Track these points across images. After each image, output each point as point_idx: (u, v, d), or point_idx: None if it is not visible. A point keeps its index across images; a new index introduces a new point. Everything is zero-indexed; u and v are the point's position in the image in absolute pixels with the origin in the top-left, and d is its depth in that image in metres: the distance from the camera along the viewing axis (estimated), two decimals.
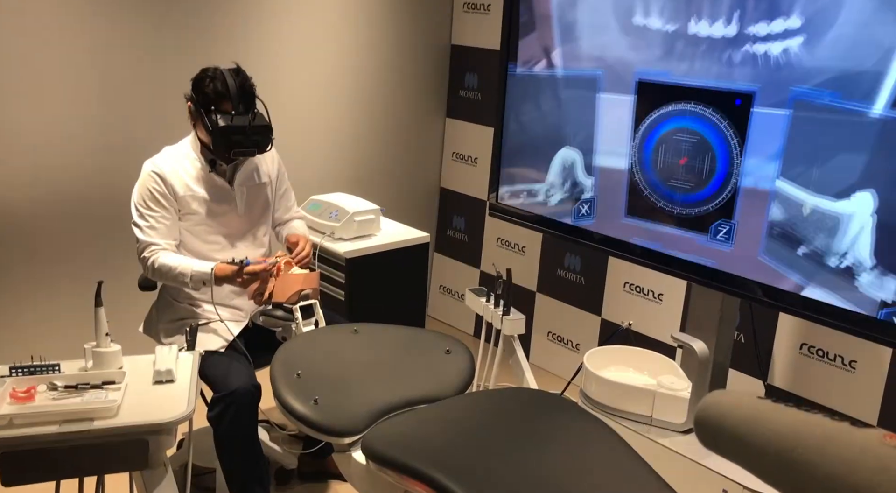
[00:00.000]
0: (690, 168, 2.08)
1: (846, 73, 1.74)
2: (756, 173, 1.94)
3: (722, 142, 2.01)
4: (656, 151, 2.15)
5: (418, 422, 1.57)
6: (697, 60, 2.02)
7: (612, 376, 2.24)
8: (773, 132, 1.90)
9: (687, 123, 2.08)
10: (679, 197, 2.11)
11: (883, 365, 2.32)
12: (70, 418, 1.55)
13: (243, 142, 2.05)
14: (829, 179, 1.81)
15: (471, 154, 3.60)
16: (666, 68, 2.10)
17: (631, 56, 2.18)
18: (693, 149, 2.07)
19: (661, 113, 2.13)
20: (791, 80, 1.84)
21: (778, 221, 1.91)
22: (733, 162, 1.98)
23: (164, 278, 2.10)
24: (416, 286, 2.94)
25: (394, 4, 3.35)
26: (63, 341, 2.66)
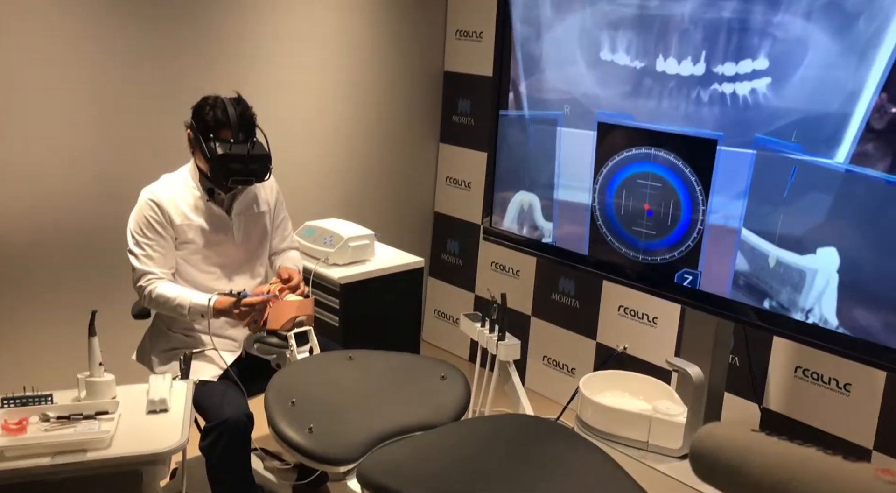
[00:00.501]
0: (655, 215, 2.07)
1: (811, 116, 1.75)
2: (721, 222, 1.93)
3: (685, 188, 2.00)
4: (619, 195, 2.14)
5: (414, 450, 1.56)
6: (664, 99, 2.02)
7: (608, 402, 2.24)
8: (737, 179, 1.89)
9: (650, 167, 2.06)
10: (643, 244, 2.10)
11: (877, 388, 2.33)
12: (63, 449, 1.54)
13: (241, 170, 2.06)
14: (793, 231, 1.80)
15: (464, 179, 3.62)
16: (630, 110, 2.09)
17: (594, 92, 2.17)
18: (657, 194, 2.05)
19: (623, 156, 2.12)
20: (756, 124, 1.85)
21: (743, 271, 1.90)
22: (697, 209, 1.97)
23: (160, 308, 2.09)
24: (410, 311, 2.93)
25: (388, 32, 3.39)
26: (56, 371, 2.63)
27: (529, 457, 1.52)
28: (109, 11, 2.59)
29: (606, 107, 2.15)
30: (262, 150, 2.10)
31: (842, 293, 1.73)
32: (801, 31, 1.76)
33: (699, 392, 2.08)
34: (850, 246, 1.72)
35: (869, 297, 1.71)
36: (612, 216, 2.14)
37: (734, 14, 1.87)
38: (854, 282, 1.72)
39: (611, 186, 2.15)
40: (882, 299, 1.69)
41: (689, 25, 1.95)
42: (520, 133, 2.42)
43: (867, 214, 1.69)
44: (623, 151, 2.12)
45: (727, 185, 1.92)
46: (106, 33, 2.61)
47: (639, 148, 2.08)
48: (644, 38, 2.05)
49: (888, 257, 1.67)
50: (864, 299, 1.71)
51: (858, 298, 1.72)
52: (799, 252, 1.80)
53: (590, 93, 2.18)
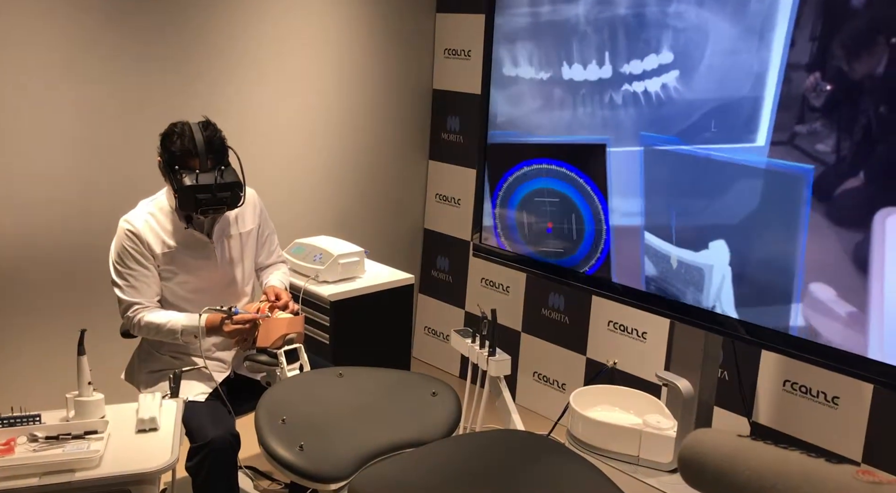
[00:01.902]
0: (558, 231, 2.02)
1: (725, 103, 1.70)
2: (623, 229, 1.90)
3: (584, 200, 1.96)
4: (520, 215, 2.10)
5: (405, 466, 1.55)
6: (579, 108, 1.94)
7: (599, 416, 2.24)
8: (631, 185, 1.85)
9: (545, 183, 2.02)
10: (552, 262, 2.06)
11: (865, 401, 2.34)
12: (51, 470, 1.52)
13: (209, 201, 2.00)
14: (686, 228, 1.79)
15: (454, 195, 3.64)
16: (517, 128, 2.05)
17: (504, 112, 2.13)
18: (557, 210, 2.00)
19: (517, 175, 2.09)
20: (643, 128, 1.80)
21: (653, 276, 1.89)
22: (599, 219, 1.94)
23: (152, 335, 2.08)
24: (401, 328, 2.93)
25: (376, 50, 3.42)
26: (45, 391, 2.62)
27: (520, 472, 1.52)
28: (89, 36, 2.60)
29: (497, 127, 2.13)
30: (232, 176, 2.04)
31: (736, 286, 1.74)
32: (697, 18, 1.71)
33: (689, 406, 2.08)
34: (736, 237, 1.71)
35: (758, 286, 1.71)
36: (518, 239, 2.12)
37: (629, 9, 1.81)
38: (744, 273, 1.73)
39: (510, 208, 2.11)
40: (770, 285, 1.69)
41: (587, 27, 1.88)
42: None
43: (749, 202, 1.68)
44: (515, 170, 2.09)
45: (624, 194, 1.88)
46: (87, 58, 2.61)
47: (530, 164, 2.04)
48: (544, 47, 1.98)
49: (771, 244, 1.66)
50: (755, 288, 1.72)
51: (750, 288, 1.73)
52: (694, 249, 1.79)
53: (500, 112, 2.15)
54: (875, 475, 0.67)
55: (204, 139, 2.01)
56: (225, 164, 2.07)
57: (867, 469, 0.69)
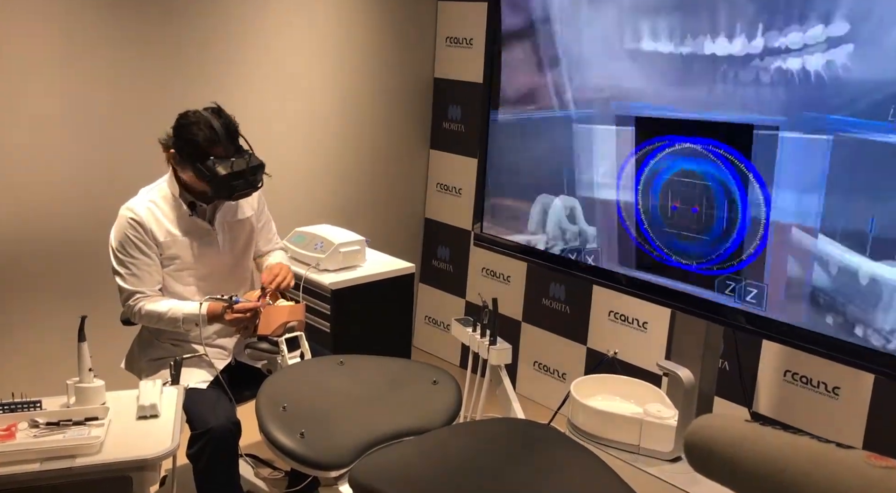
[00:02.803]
0: (705, 218, 1.77)
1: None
2: (789, 226, 1.60)
3: (742, 187, 1.70)
4: (662, 196, 1.85)
5: (406, 454, 1.56)
6: (716, 86, 1.69)
7: (599, 405, 2.24)
8: (808, 177, 1.55)
9: (696, 165, 1.76)
10: (693, 249, 1.81)
11: (866, 391, 2.34)
12: (51, 455, 1.53)
13: (243, 185, 2.04)
14: (889, 237, 1.45)
15: (455, 185, 3.63)
16: (671, 100, 1.78)
17: (636, 85, 1.87)
18: (707, 195, 1.74)
19: (666, 153, 1.83)
20: (830, 105, 1.48)
21: (824, 288, 1.57)
22: (759, 211, 1.66)
23: (153, 323, 2.08)
24: (401, 317, 2.93)
25: (377, 38, 3.40)
26: (45, 378, 2.62)
27: (521, 461, 1.52)
28: (90, 23, 2.59)
29: (644, 99, 1.85)
30: (256, 159, 2.08)
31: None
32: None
33: (690, 395, 2.08)
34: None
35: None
36: (657, 220, 1.85)
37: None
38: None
39: (653, 187, 1.84)
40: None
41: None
42: (551, 134, 2.18)
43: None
44: (665, 147, 1.82)
45: (795, 186, 1.59)
46: (87, 45, 2.60)
47: (683, 142, 1.77)
48: (686, 19, 1.73)
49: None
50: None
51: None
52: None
53: (631, 87, 1.89)
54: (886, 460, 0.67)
55: (222, 126, 2.02)
56: (241, 148, 2.08)
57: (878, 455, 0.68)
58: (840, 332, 1.61)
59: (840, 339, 1.74)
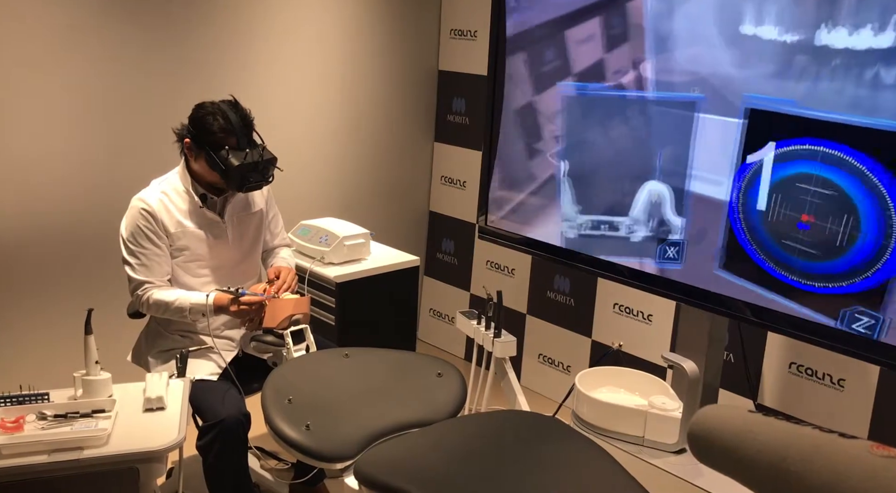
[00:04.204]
0: (819, 230, 1.58)
1: None
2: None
3: (871, 200, 1.49)
4: (771, 199, 1.68)
5: (411, 446, 1.56)
6: (833, 83, 1.52)
7: (604, 397, 2.25)
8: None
9: (817, 169, 1.57)
10: (799, 263, 1.63)
11: (871, 383, 2.34)
12: (59, 447, 1.54)
13: (256, 177, 2.07)
14: None
15: (459, 178, 3.63)
16: (790, 95, 1.59)
17: (739, 74, 1.70)
18: (826, 205, 1.55)
19: (780, 153, 1.65)
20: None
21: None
22: (889, 231, 1.46)
23: (160, 312, 2.09)
24: (406, 310, 2.94)
25: (381, 31, 3.40)
26: (52, 370, 2.63)
27: (526, 453, 1.52)
28: (100, 16, 2.59)
29: (756, 90, 1.66)
30: (269, 153, 2.11)
31: None
32: None
33: (694, 387, 2.09)
34: None
35: None
36: (759, 224, 1.68)
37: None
38: None
39: (761, 188, 1.68)
40: None
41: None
42: (645, 117, 2.01)
43: None
44: (781, 145, 1.63)
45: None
46: (97, 37, 2.60)
47: (802, 143, 1.59)
48: (800, 3, 1.55)
49: None
50: None
51: None
52: None
53: (731, 74, 1.72)
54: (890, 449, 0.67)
55: (238, 119, 2.05)
56: (255, 141, 2.10)
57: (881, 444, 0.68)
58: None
59: (843, 330, 1.74)
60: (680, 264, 1.98)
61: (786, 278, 1.69)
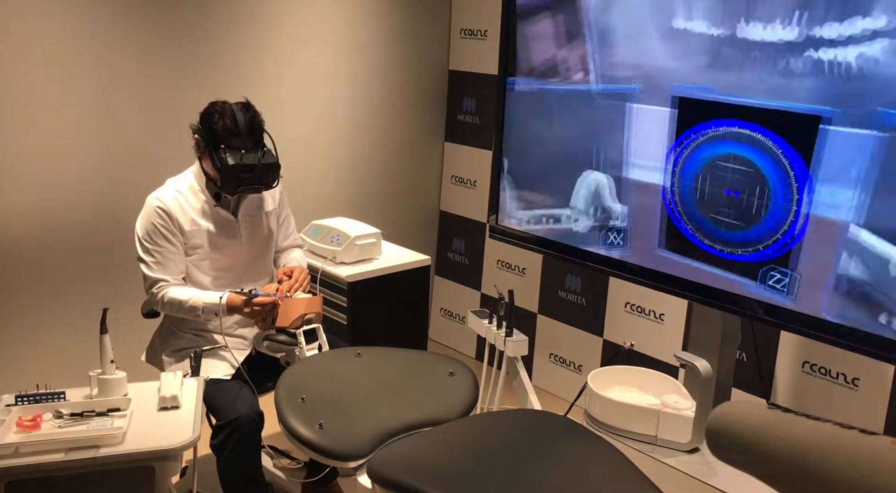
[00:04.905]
0: (739, 203, 1.79)
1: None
2: (823, 214, 1.64)
3: (779, 174, 1.71)
4: (698, 179, 1.88)
5: (423, 445, 1.57)
6: (750, 71, 1.72)
7: (617, 397, 2.24)
8: (846, 164, 1.58)
9: (735, 149, 1.78)
10: (725, 234, 1.84)
11: (886, 383, 2.33)
12: (76, 445, 1.55)
13: (251, 180, 2.06)
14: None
15: (470, 177, 3.63)
16: (710, 82, 1.80)
17: (669, 65, 1.89)
18: (743, 180, 1.76)
19: (704, 136, 1.85)
20: (875, 97, 1.51)
21: (852, 276, 1.61)
22: (792, 198, 1.69)
23: (174, 311, 2.11)
24: (417, 309, 2.94)
25: (392, 31, 3.40)
26: (68, 370, 2.66)
27: (538, 452, 1.52)
28: (117, 14, 2.61)
29: (683, 80, 1.86)
30: (271, 158, 2.09)
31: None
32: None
33: (707, 386, 2.08)
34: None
35: None
36: (690, 202, 1.87)
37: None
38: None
39: (689, 169, 1.87)
40: None
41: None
42: (586, 109, 2.17)
43: None
44: (704, 130, 1.83)
45: (834, 173, 1.61)
46: (115, 38, 2.62)
47: (720, 126, 1.79)
48: (735, 1, 1.73)
49: None
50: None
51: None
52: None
53: (663, 66, 1.91)
54: None
55: (245, 120, 2.05)
56: (263, 145, 2.10)
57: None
58: (866, 320, 1.64)
59: (859, 329, 1.73)
60: (625, 249, 2.15)
61: (714, 250, 1.90)
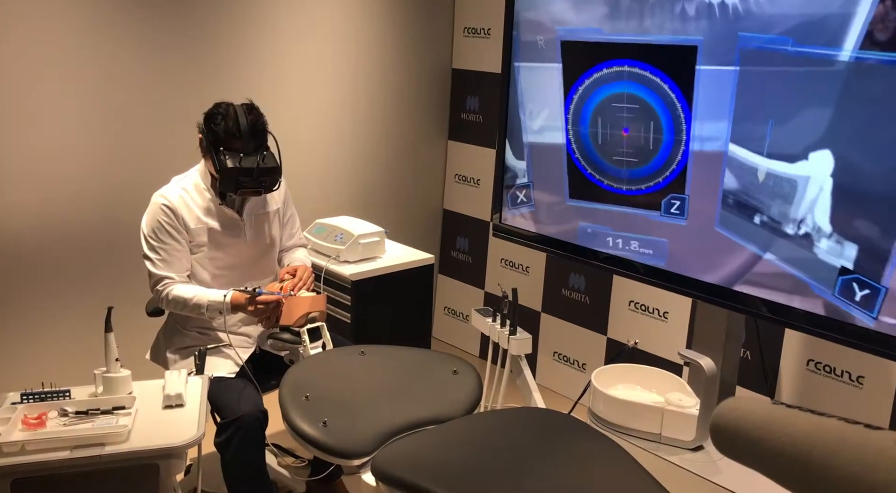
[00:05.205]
0: (634, 140, 1.93)
1: (809, 20, 1.61)
2: (705, 140, 1.82)
3: (665, 107, 1.87)
4: (594, 123, 2.00)
5: (427, 443, 1.57)
6: (645, 19, 1.87)
7: (621, 394, 2.24)
8: (721, 92, 1.77)
9: (624, 88, 1.92)
10: (625, 173, 1.97)
11: (891, 381, 2.32)
12: (81, 443, 1.56)
13: (250, 183, 2.05)
14: (783, 140, 1.70)
15: (473, 176, 3.63)
16: (597, 25, 1.94)
17: (566, 17, 2.03)
18: (635, 117, 1.91)
19: (594, 78, 1.98)
20: (740, 28, 1.71)
21: (732, 189, 1.81)
22: (680, 129, 1.85)
23: (179, 308, 2.11)
24: (421, 308, 2.94)
25: (395, 29, 3.40)
26: (73, 368, 2.67)
27: (542, 449, 1.52)
28: (121, 13, 2.62)
29: (572, 25, 1.99)
30: (272, 161, 2.08)
31: (836, 197, 1.64)
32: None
33: (711, 384, 2.08)
34: (846, 146, 1.60)
35: (864, 196, 1.60)
36: (590, 147, 2.00)
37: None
38: (849, 183, 1.62)
39: (584, 115, 2.00)
40: (878, 194, 1.58)
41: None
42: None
43: (868, 108, 1.56)
44: (592, 71, 1.96)
45: (711, 104, 1.79)
46: (117, 36, 2.63)
47: (610, 66, 1.93)
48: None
49: (888, 150, 1.55)
50: (860, 199, 1.60)
51: (853, 199, 1.61)
52: (789, 161, 1.70)
53: (560, 19, 2.05)
54: None
55: (248, 123, 2.05)
56: (265, 148, 2.10)
57: None
58: (752, 229, 1.79)
59: (860, 327, 1.73)
60: (531, 207, 2.24)
61: (618, 190, 2.00)
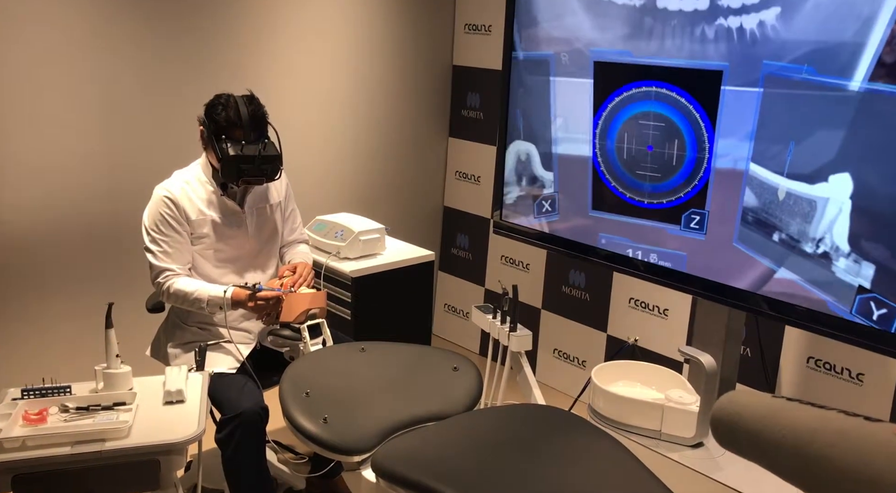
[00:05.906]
0: (658, 156, 2.01)
1: (823, 46, 1.70)
2: (727, 158, 1.90)
3: (690, 126, 1.95)
4: (620, 138, 2.08)
5: (428, 439, 1.57)
6: (667, 39, 1.96)
7: (621, 391, 2.24)
8: (744, 113, 1.85)
9: (651, 107, 2.01)
10: (648, 187, 2.04)
11: (891, 378, 2.32)
12: (82, 439, 1.56)
13: (252, 171, 2.07)
14: (803, 161, 1.76)
15: (474, 173, 3.63)
16: (628, 47, 2.03)
17: (591, 35, 2.11)
18: (660, 135, 1.99)
19: (623, 97, 2.06)
20: (763, 55, 1.79)
21: (752, 206, 1.87)
22: (703, 147, 1.93)
23: (179, 302, 2.12)
24: (421, 305, 2.94)
25: (396, 27, 3.40)
26: (74, 364, 2.67)
27: (542, 446, 1.53)
28: (119, 9, 2.61)
29: (603, 46, 2.08)
30: (273, 150, 2.11)
31: (855, 218, 1.70)
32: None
33: (711, 381, 2.08)
34: (865, 169, 1.67)
35: (883, 218, 1.66)
36: (615, 161, 2.09)
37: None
38: (868, 205, 1.68)
39: (612, 131, 2.09)
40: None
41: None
42: (515, 82, 2.38)
43: (883, 134, 1.64)
44: (622, 91, 2.06)
45: (734, 121, 1.88)
46: (117, 31, 2.63)
47: (639, 86, 2.03)
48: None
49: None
50: (878, 221, 1.67)
51: (872, 221, 1.68)
52: (809, 182, 1.76)
53: (587, 37, 2.14)
54: None
55: (248, 112, 2.07)
56: (266, 137, 2.12)
57: None
58: (770, 245, 1.87)
59: (861, 324, 1.73)
60: (555, 216, 2.31)
61: (640, 203, 2.09)
